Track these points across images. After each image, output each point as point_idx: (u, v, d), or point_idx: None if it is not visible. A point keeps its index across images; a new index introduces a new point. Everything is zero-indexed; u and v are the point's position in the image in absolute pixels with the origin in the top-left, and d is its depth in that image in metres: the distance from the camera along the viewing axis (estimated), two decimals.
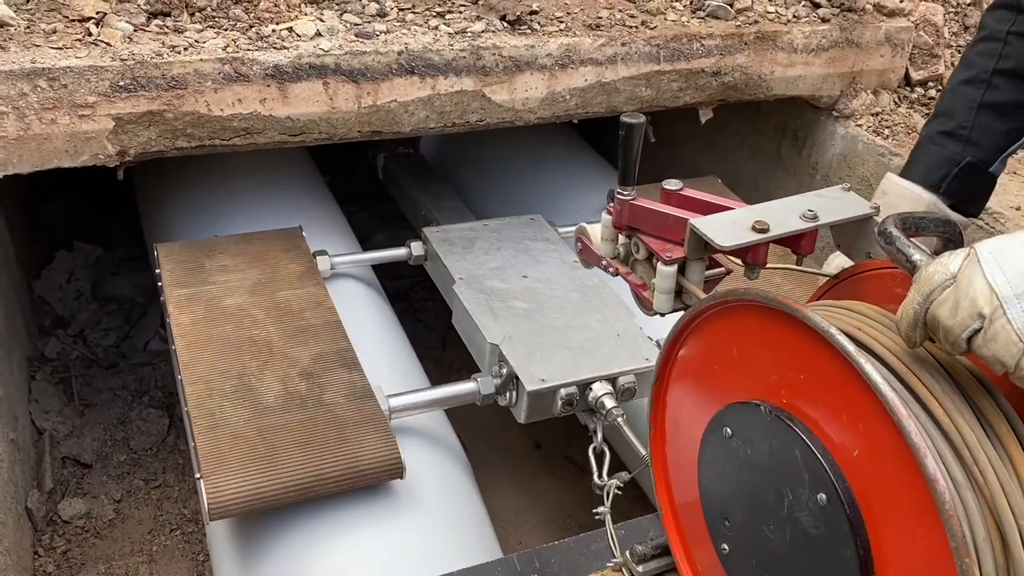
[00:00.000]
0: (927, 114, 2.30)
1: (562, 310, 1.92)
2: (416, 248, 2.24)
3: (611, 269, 1.35)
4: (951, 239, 1.05)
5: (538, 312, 1.91)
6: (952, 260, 0.86)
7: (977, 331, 0.82)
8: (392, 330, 2.16)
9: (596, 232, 1.37)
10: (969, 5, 2.92)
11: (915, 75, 2.68)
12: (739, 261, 1.20)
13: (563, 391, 1.68)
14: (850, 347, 0.85)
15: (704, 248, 1.16)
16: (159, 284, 1.96)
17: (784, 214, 1.14)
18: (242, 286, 1.94)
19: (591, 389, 1.70)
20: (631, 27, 2.22)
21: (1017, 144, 1.49)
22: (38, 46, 1.75)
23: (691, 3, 2.37)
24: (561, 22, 2.17)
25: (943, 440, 0.85)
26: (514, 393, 1.73)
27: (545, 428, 2.79)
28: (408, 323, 2.30)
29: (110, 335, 2.95)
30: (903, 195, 1.45)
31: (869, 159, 2.50)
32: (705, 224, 1.12)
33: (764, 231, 1.10)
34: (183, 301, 1.87)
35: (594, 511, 1.47)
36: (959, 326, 0.83)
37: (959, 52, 2.69)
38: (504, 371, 1.75)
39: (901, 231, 0.97)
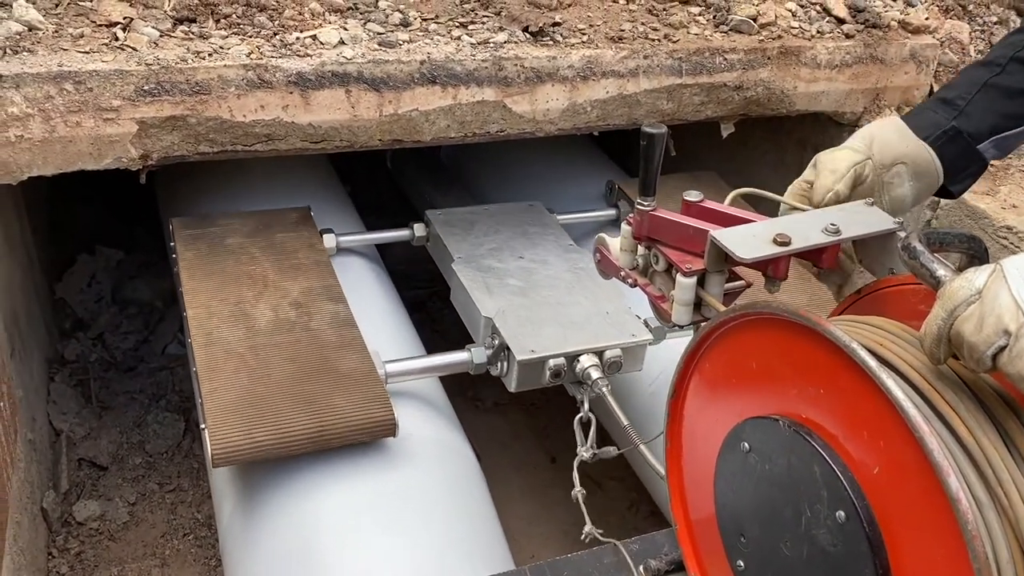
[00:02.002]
0: None
1: (555, 288, 2.00)
2: (419, 229, 2.31)
3: (630, 280, 1.34)
4: (976, 255, 1.04)
5: (532, 290, 1.99)
6: (978, 276, 0.84)
7: (1002, 348, 0.81)
8: (393, 304, 2.26)
9: (615, 243, 1.36)
10: (996, 24, 2.89)
11: None
12: (760, 274, 1.19)
13: (551, 362, 1.75)
14: (872, 363, 0.84)
15: (724, 260, 1.16)
16: (173, 255, 2.08)
17: (806, 227, 1.13)
18: (243, 230, 2.13)
19: (578, 361, 1.77)
20: (653, 40, 2.21)
21: (1013, 132, 1.42)
22: (65, 50, 1.77)
23: (714, 17, 2.36)
24: (583, 34, 2.17)
25: (966, 459, 0.84)
26: (505, 363, 1.80)
27: (561, 442, 2.77)
28: (425, 333, 2.31)
29: (129, 338, 2.97)
30: (897, 128, 1.36)
31: None
32: (726, 236, 1.11)
33: (785, 244, 1.09)
34: (188, 240, 2.07)
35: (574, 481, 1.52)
36: (984, 343, 0.81)
37: None
38: (496, 342, 1.82)
39: (925, 246, 0.96)
